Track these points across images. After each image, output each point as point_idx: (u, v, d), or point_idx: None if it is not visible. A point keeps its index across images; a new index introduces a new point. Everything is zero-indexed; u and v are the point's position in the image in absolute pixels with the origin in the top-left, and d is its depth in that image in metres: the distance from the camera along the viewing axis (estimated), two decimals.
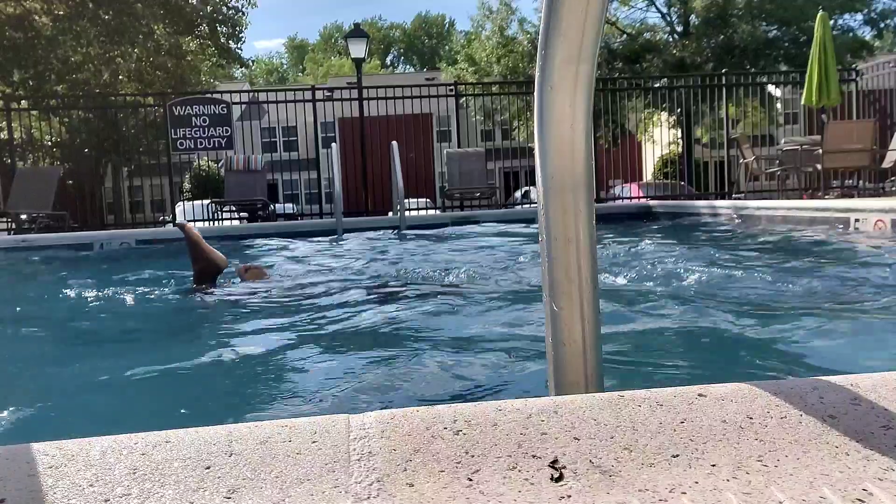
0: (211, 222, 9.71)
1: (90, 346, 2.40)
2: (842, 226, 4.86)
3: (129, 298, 3.12)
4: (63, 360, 2.22)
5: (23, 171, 9.93)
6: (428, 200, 14.04)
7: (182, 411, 1.63)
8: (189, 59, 18.58)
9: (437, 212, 11.45)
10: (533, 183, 1.32)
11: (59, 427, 1.53)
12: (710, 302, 2.74)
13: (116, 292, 3.25)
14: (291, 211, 14.88)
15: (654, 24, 23.74)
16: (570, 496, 0.70)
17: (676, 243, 5.50)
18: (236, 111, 10.30)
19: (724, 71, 14.16)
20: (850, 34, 21.11)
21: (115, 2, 15.18)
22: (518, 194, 14.42)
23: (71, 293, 3.59)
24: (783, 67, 19.82)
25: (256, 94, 15.50)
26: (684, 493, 0.70)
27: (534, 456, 0.77)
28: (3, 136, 11.59)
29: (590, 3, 0.93)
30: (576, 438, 0.81)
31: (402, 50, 74.07)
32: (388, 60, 72.02)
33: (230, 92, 11.43)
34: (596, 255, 1.02)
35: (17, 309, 3.43)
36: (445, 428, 0.83)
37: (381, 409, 0.90)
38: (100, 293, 3.32)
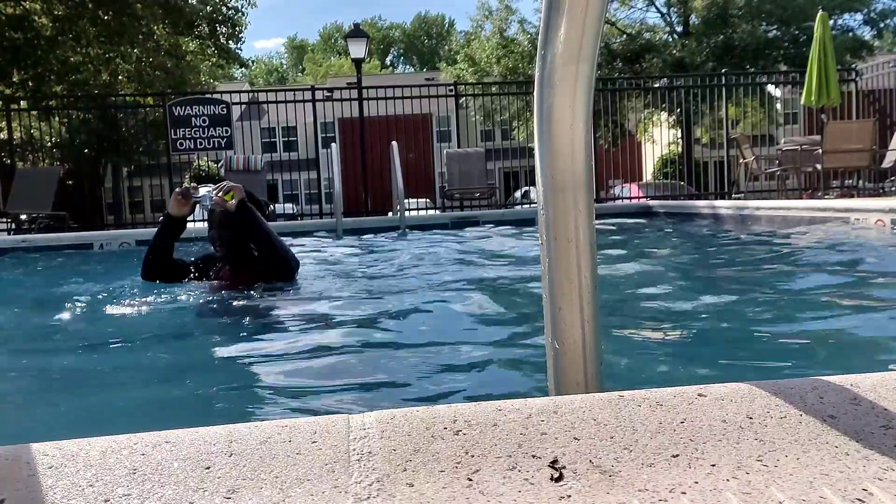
0: None
1: (90, 347, 2.40)
2: (842, 225, 4.86)
3: (129, 299, 3.12)
4: (62, 360, 2.22)
5: (23, 171, 9.93)
6: (428, 201, 14.03)
7: (182, 411, 1.63)
8: (189, 59, 18.57)
9: (437, 212, 11.45)
10: (533, 183, 1.32)
11: (59, 427, 1.53)
12: (709, 302, 2.74)
13: (116, 293, 3.25)
14: (291, 211, 14.87)
15: (654, 24, 23.77)
16: (569, 496, 0.70)
17: (676, 243, 5.50)
18: (236, 111, 10.30)
19: (724, 71, 14.17)
20: (850, 34, 21.12)
21: (115, 2, 15.16)
22: (518, 194, 14.41)
23: (71, 294, 3.59)
24: (783, 67, 19.83)
25: (256, 94, 15.49)
26: (684, 493, 0.70)
27: (534, 456, 0.77)
28: (3, 137, 11.59)
29: (590, 3, 0.93)
30: (576, 438, 0.81)
31: (401, 50, 74.08)
32: (387, 60, 72.02)
33: (230, 92, 11.44)
34: (596, 255, 1.02)
35: (18, 310, 3.43)
36: (445, 428, 0.83)
37: (381, 409, 0.90)
38: (99, 293, 3.32)
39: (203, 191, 2.93)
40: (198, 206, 3.02)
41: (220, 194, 2.87)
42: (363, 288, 3.47)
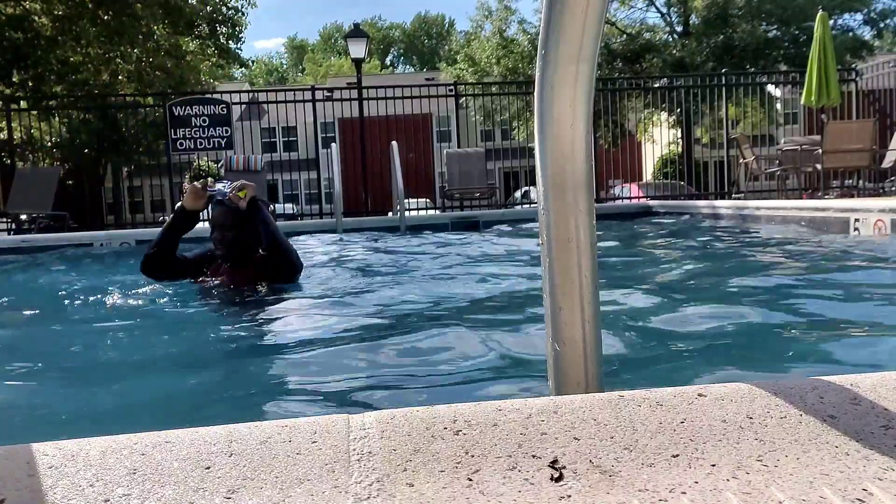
0: None
1: (89, 347, 2.40)
2: (841, 226, 4.86)
3: (128, 299, 3.12)
4: (61, 360, 2.22)
5: (23, 171, 9.93)
6: (428, 201, 14.04)
7: (182, 411, 1.63)
8: (189, 59, 18.57)
9: (437, 212, 11.45)
10: (533, 183, 1.32)
11: (58, 427, 1.53)
12: (709, 302, 2.74)
13: (116, 293, 3.25)
14: (291, 211, 14.88)
15: (654, 25, 23.78)
16: (570, 496, 0.70)
17: (676, 243, 5.50)
18: (236, 111, 10.30)
19: (724, 71, 14.17)
20: (850, 34, 21.12)
21: (115, 2, 15.16)
22: (518, 194, 14.42)
23: (70, 294, 3.59)
24: (783, 67, 19.83)
25: (256, 94, 15.50)
26: (684, 493, 0.70)
27: (534, 456, 0.77)
28: (3, 137, 11.59)
29: (590, 3, 0.93)
30: (576, 438, 0.80)
31: (402, 50, 74.09)
32: (388, 60, 72.02)
33: (230, 92, 11.44)
34: (596, 255, 1.02)
35: (17, 310, 3.43)
36: (445, 428, 0.83)
37: (381, 409, 0.90)
38: (99, 294, 3.31)
39: (218, 186, 3.00)
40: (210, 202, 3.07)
41: (234, 191, 2.94)
42: (362, 288, 3.47)
